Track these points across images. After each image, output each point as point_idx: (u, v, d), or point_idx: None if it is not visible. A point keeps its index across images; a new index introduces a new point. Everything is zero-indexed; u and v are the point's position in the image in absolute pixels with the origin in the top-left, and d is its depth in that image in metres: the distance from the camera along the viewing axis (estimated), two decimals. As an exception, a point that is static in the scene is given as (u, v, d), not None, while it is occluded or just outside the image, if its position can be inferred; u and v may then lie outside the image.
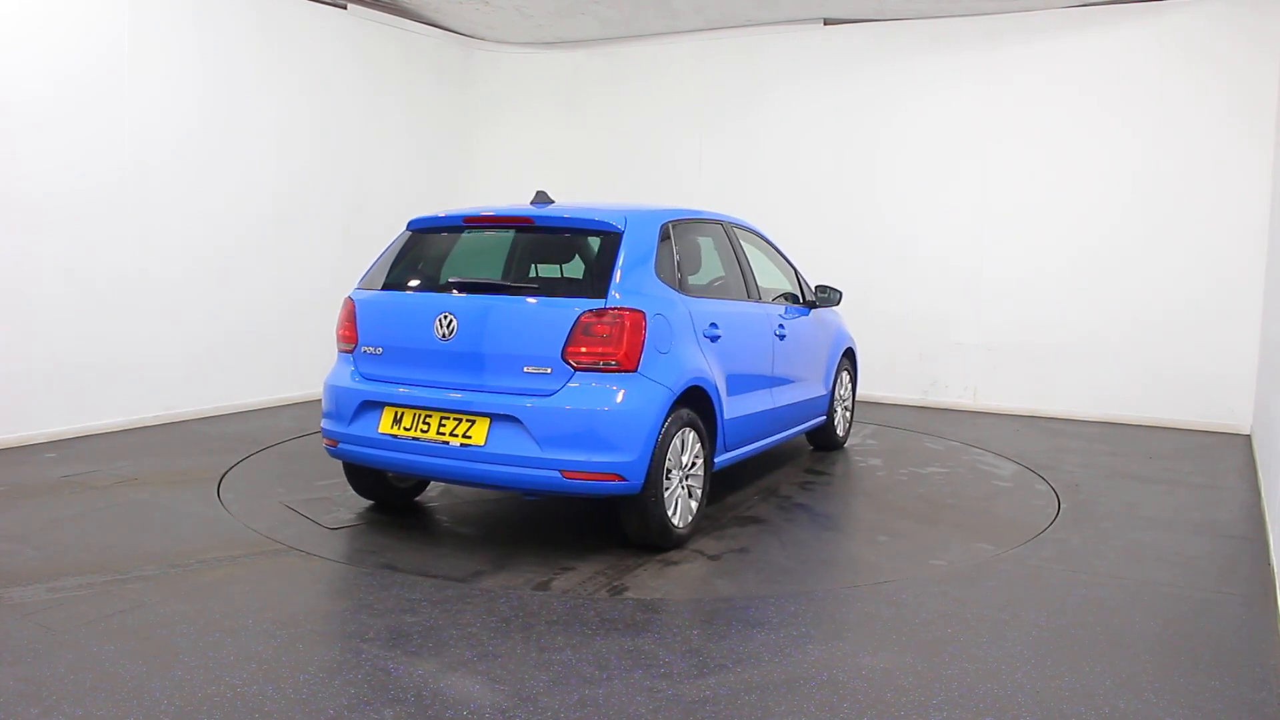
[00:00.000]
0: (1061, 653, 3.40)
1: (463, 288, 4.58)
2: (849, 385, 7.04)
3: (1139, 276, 8.05)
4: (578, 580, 4.09)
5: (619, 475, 4.15)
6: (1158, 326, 8.00)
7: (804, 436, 6.86)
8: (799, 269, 6.37)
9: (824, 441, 6.82)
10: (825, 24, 9.06)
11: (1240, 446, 7.30)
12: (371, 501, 5.20)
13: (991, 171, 8.56)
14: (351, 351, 4.73)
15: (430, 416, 4.36)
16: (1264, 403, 6.53)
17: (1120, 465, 6.56)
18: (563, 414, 4.12)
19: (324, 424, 4.76)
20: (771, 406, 5.51)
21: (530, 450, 4.13)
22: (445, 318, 4.39)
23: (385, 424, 4.46)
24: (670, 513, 4.43)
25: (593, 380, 4.18)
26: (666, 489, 4.40)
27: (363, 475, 5.01)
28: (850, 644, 3.47)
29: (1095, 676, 3.21)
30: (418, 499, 5.35)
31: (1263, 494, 5.68)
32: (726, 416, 4.89)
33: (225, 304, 7.60)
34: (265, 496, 5.29)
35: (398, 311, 4.64)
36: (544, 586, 4.01)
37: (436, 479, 4.66)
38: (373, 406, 4.54)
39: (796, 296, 6.20)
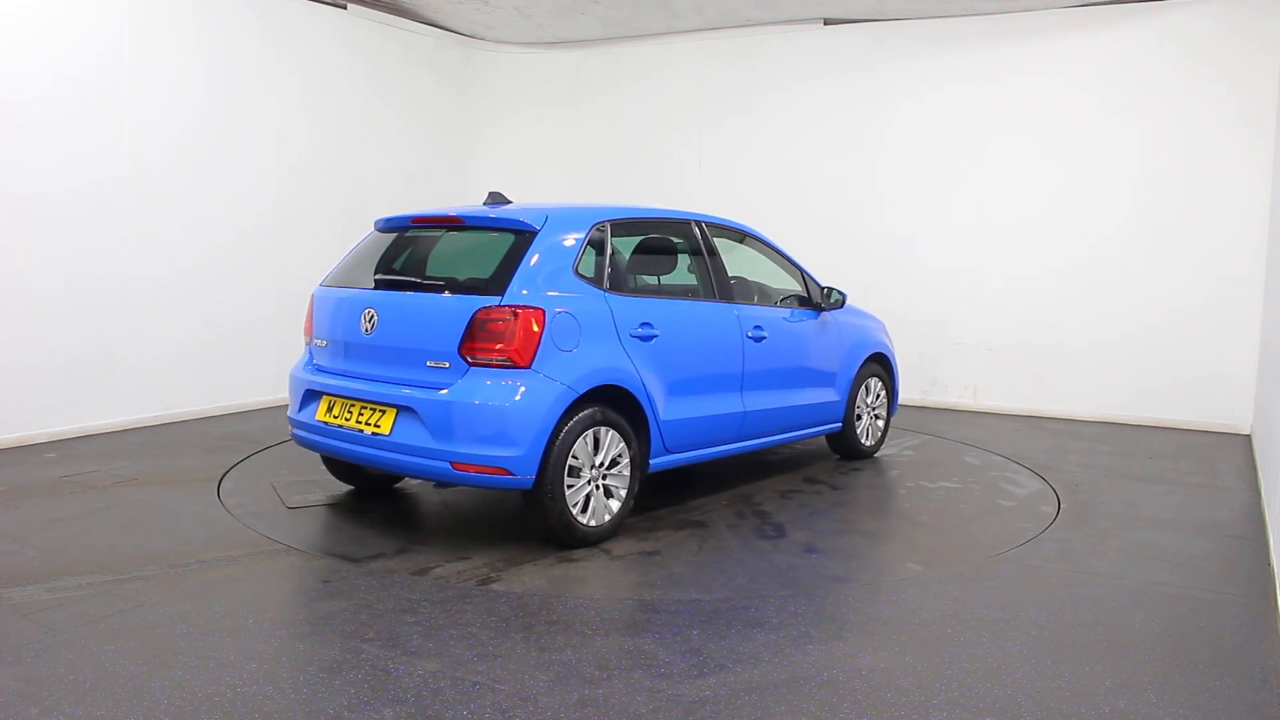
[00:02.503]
0: (1061, 653, 3.40)
1: (384, 285, 4.79)
2: (881, 393, 6.70)
3: (1139, 276, 8.05)
4: (461, 569, 4.18)
5: (505, 469, 4.22)
6: (1158, 326, 8.01)
7: (826, 444, 6.71)
8: (807, 271, 6.16)
9: (847, 450, 6.53)
10: (825, 24, 9.06)
11: (1240, 446, 7.30)
12: (350, 487, 5.47)
13: (991, 171, 8.56)
14: (309, 344, 5.05)
15: (353, 406, 4.62)
16: (1264, 403, 6.54)
17: (1120, 465, 6.56)
18: (452, 407, 4.25)
19: (287, 411, 5.10)
20: (740, 410, 5.36)
21: (425, 441, 4.30)
22: (369, 313, 4.64)
23: (321, 411, 4.77)
24: (578, 510, 4.46)
25: (485, 376, 4.28)
26: (572, 486, 4.42)
27: (336, 462, 5.31)
28: (850, 644, 3.47)
29: (1095, 676, 3.21)
30: (397, 486, 5.55)
31: (1263, 494, 5.68)
32: (665, 418, 4.84)
33: (225, 303, 7.61)
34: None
35: (337, 307, 4.87)
36: (423, 573, 4.13)
37: (358, 464, 4.91)
38: (314, 396, 4.86)
39: (803, 299, 6.07)
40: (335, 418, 4.67)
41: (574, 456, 4.41)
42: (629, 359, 4.65)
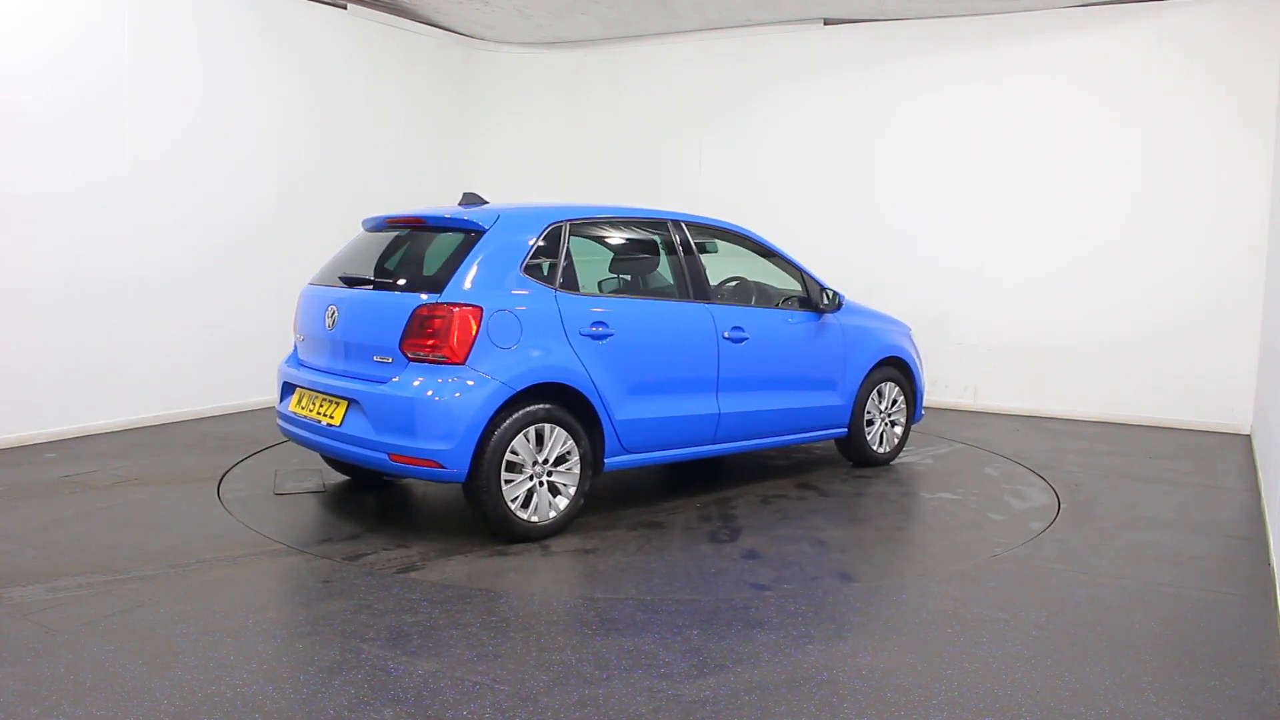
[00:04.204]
0: (1061, 653, 3.40)
1: (347, 282, 4.95)
2: (898, 398, 6.45)
3: (1139, 276, 8.05)
4: (392, 557, 4.32)
5: (437, 462, 4.34)
6: (1157, 326, 8.00)
7: (838, 450, 6.47)
8: (809, 272, 6.00)
9: (858, 456, 6.31)
10: (825, 24, 9.06)
11: (1240, 446, 7.30)
12: (346, 477, 5.68)
13: (991, 172, 8.56)
14: (295, 339, 5.35)
15: (315, 398, 4.84)
16: (1264, 403, 6.54)
17: (1120, 465, 6.56)
18: (389, 401, 4.42)
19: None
20: (715, 413, 5.29)
21: (368, 433, 4.48)
22: (332, 309, 4.85)
23: (294, 403, 5.02)
24: (518, 506, 4.51)
25: (421, 371, 4.42)
26: (511, 482, 4.48)
27: None
28: (850, 644, 3.47)
29: (1095, 676, 3.21)
30: (388, 478, 5.67)
31: (1263, 494, 5.68)
32: (621, 418, 4.84)
33: (225, 304, 7.61)
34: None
35: (312, 303, 5.09)
36: (355, 558, 4.29)
37: (321, 453, 5.09)
38: (291, 388, 5.13)
39: (804, 300, 5.92)
40: (303, 409, 4.90)
41: (513, 452, 4.48)
42: (577, 358, 4.68)
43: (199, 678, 3.05)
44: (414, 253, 5.00)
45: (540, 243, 4.76)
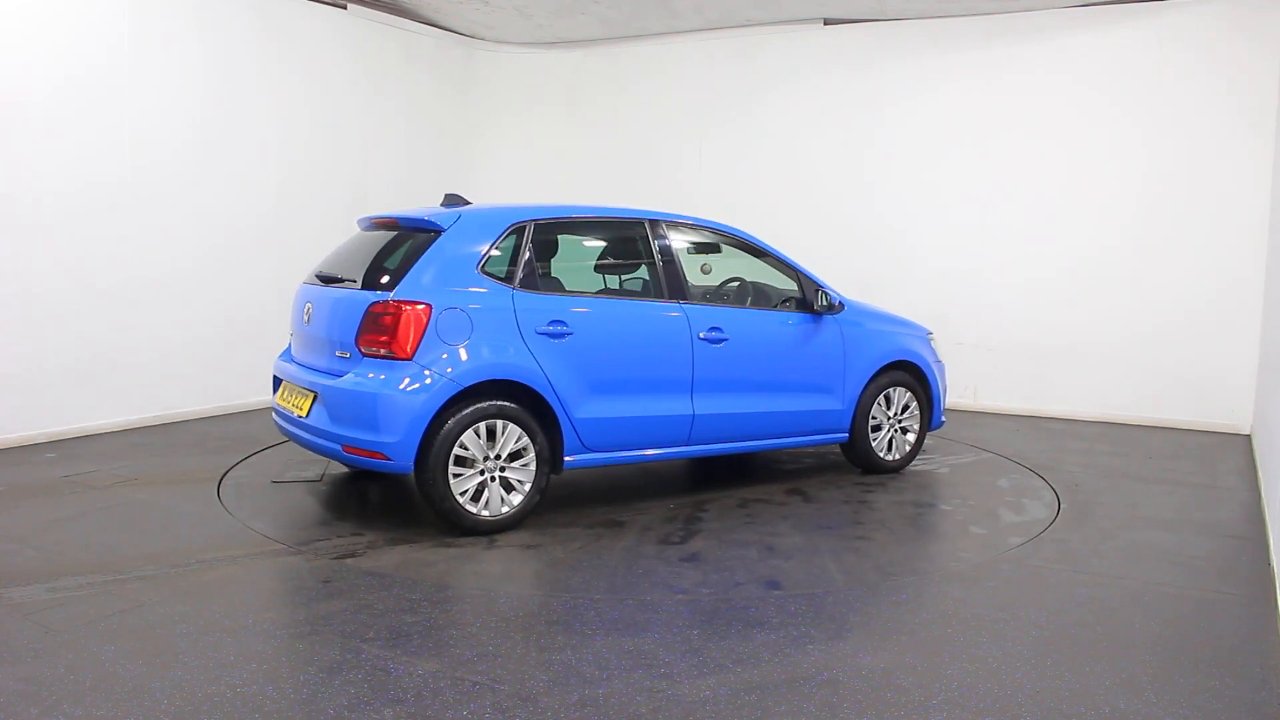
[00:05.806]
0: (1061, 653, 3.40)
1: (322, 280, 5.13)
2: (910, 404, 6.21)
3: (1139, 276, 8.05)
4: (340, 544, 4.47)
5: (383, 454, 4.48)
6: (1157, 326, 8.00)
7: (844, 456, 6.29)
8: (808, 273, 5.87)
9: (863, 463, 6.10)
10: (825, 24, 9.06)
11: (1240, 446, 7.30)
12: (346, 469, 5.81)
13: (991, 172, 8.55)
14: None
15: (294, 391, 5.03)
16: (1264, 403, 6.54)
17: (1120, 465, 6.56)
18: (341, 394, 4.60)
19: None
20: (689, 414, 5.22)
21: (327, 424, 4.65)
22: (308, 306, 5.06)
23: (279, 396, 5.22)
24: (468, 499, 4.60)
25: (372, 366, 4.58)
26: (459, 476, 4.57)
27: None
28: (850, 644, 3.47)
29: (1095, 676, 3.21)
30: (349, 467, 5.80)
31: (1263, 494, 5.68)
32: (582, 416, 4.86)
33: (225, 304, 7.61)
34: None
35: (297, 300, 5.28)
36: (308, 544, 4.47)
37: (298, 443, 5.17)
38: (279, 381, 5.31)
39: (801, 301, 5.79)
40: (284, 401, 5.11)
41: (463, 447, 4.56)
42: (532, 356, 4.73)
43: (199, 678, 3.05)
44: (385, 252, 5.09)
45: (500, 242, 4.85)
